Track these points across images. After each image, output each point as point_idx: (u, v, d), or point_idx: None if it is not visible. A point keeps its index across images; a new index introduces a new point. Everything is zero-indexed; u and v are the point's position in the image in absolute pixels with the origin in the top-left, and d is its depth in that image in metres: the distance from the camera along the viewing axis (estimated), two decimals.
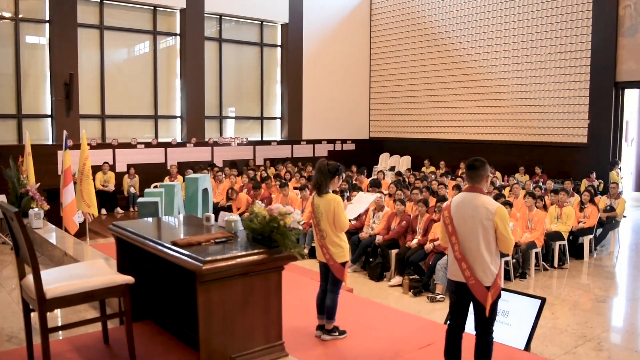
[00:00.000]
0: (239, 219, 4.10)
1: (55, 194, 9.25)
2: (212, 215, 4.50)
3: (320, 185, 4.57)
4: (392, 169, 16.48)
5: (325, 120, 17.37)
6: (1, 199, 9.02)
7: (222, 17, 15.43)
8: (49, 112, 12.83)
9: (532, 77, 14.31)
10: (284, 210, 3.76)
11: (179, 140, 14.64)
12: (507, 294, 5.28)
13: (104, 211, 12.24)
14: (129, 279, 3.70)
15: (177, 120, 14.86)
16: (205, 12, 14.72)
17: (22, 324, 3.90)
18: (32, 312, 3.70)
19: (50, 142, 12.80)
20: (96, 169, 11.97)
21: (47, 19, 12.62)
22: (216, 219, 4.60)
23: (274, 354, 3.79)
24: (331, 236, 4.52)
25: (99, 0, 13.33)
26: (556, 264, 8.67)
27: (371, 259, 8.22)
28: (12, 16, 12.25)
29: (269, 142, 16.38)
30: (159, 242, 3.87)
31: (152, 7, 14.12)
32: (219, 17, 15.35)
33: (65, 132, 8.59)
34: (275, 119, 16.89)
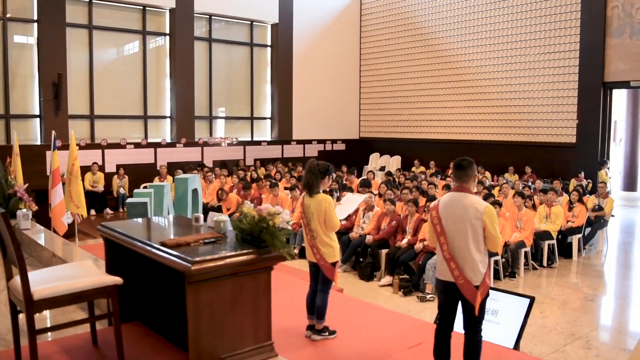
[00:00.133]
0: (228, 219, 4.09)
1: (43, 195, 9.18)
2: (201, 215, 4.48)
3: (310, 185, 4.57)
4: (382, 169, 16.50)
5: (315, 120, 17.37)
6: None
7: (212, 17, 15.39)
8: (37, 112, 12.75)
9: (521, 78, 14.38)
10: (273, 210, 3.75)
11: (168, 140, 14.60)
12: (496, 293, 5.30)
13: (93, 212, 12.17)
14: (117, 280, 3.68)
15: (166, 120, 14.81)
16: (195, 12, 14.67)
17: (9, 326, 3.86)
18: (19, 314, 3.67)
19: (38, 143, 12.72)
20: (85, 170, 11.91)
21: (36, 18, 12.54)
22: (206, 219, 4.59)
23: (264, 354, 3.78)
24: (322, 236, 4.52)
25: None
26: (545, 263, 8.72)
27: (361, 259, 8.23)
28: (0, 16, 12.15)
29: (259, 142, 16.36)
30: (148, 242, 3.85)
31: (142, 7, 14.06)
32: (208, 17, 15.31)
33: (53, 132, 8.53)
34: (265, 119, 16.86)
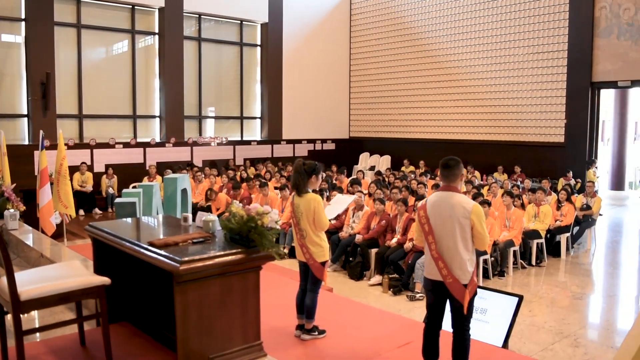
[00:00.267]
0: (217, 219, 4.08)
1: (31, 195, 9.10)
2: (190, 215, 4.47)
3: (298, 185, 4.58)
4: (372, 168, 16.53)
5: (305, 120, 17.36)
6: None
7: (202, 17, 15.35)
8: (25, 112, 12.65)
9: (510, 78, 14.46)
10: (262, 210, 3.75)
11: (157, 140, 14.53)
12: (485, 292, 5.33)
13: (81, 212, 12.09)
14: (105, 280, 3.66)
15: (156, 120, 14.74)
16: (184, 11, 14.62)
17: None
18: (6, 315, 3.64)
19: (26, 142, 12.61)
20: (74, 170, 11.82)
21: (23, 17, 12.43)
22: (194, 219, 4.58)
23: (252, 354, 3.77)
24: (311, 235, 4.53)
25: None
26: (534, 262, 8.77)
27: (351, 258, 8.23)
28: None
29: (248, 142, 16.33)
30: (136, 242, 3.83)
31: (131, 6, 13.99)
32: (198, 16, 15.26)
33: (41, 132, 8.45)
34: (255, 118, 16.84)
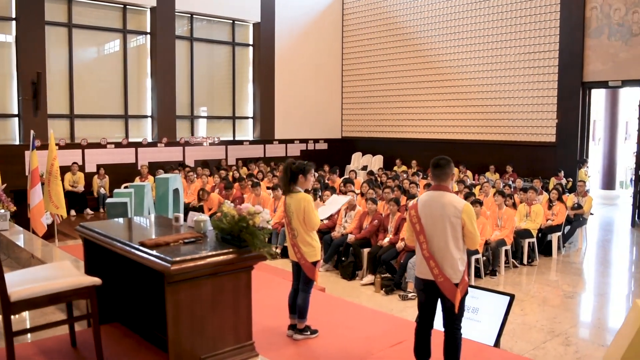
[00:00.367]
0: (208, 219, 4.07)
1: (22, 195, 9.07)
2: (181, 215, 4.46)
3: (284, 185, 4.58)
4: (364, 168, 16.53)
5: (297, 119, 17.35)
6: None
7: (194, 16, 15.30)
8: (16, 112, 12.56)
9: (502, 77, 14.51)
10: (253, 209, 3.74)
11: (149, 140, 14.48)
12: (476, 291, 5.35)
13: (73, 212, 12.04)
14: (95, 281, 3.64)
15: (147, 119, 14.69)
16: (176, 10, 14.57)
17: None
18: None
19: (17, 142, 12.53)
20: (65, 170, 11.76)
21: (14, 16, 12.35)
22: (186, 219, 4.57)
23: (244, 354, 3.77)
24: (303, 235, 4.53)
25: None
26: (525, 261, 8.80)
27: (343, 258, 8.23)
28: None
29: (241, 142, 16.30)
30: (127, 242, 3.82)
31: (122, 5, 13.93)
32: (190, 15, 15.21)
33: (32, 132, 8.43)
34: (247, 118, 16.81)
